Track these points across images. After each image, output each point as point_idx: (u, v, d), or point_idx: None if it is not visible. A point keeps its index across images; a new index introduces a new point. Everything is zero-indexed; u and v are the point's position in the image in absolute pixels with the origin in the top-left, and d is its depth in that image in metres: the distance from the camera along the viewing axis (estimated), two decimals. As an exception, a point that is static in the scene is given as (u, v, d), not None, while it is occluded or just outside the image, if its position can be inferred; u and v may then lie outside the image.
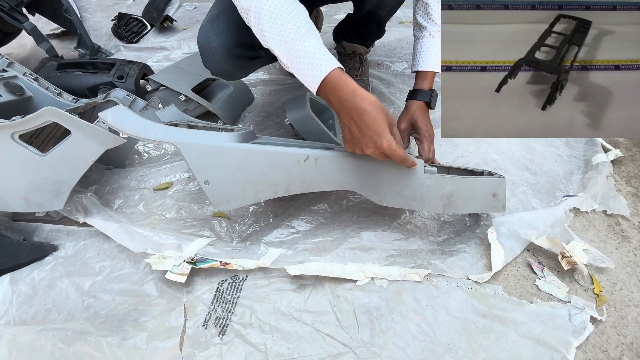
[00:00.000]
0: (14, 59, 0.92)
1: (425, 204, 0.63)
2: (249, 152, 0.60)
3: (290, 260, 0.64)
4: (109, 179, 0.86)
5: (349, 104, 0.51)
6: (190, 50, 1.33)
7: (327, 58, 0.52)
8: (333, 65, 0.51)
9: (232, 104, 0.99)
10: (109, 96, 0.82)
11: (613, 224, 0.73)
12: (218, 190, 0.62)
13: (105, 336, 0.56)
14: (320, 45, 0.53)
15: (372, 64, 1.17)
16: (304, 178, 0.62)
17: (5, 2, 1.09)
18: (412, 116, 0.71)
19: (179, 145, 0.60)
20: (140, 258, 0.67)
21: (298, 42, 0.52)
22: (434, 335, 0.56)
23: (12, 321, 0.60)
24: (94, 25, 1.55)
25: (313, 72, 0.52)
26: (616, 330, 0.57)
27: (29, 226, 0.74)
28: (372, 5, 0.78)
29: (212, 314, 0.59)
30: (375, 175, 0.62)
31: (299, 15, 0.53)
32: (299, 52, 0.52)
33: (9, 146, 0.62)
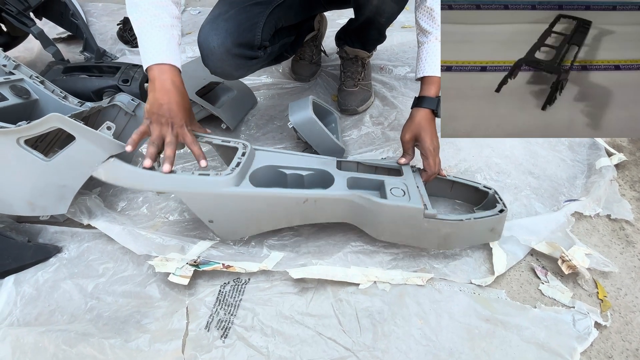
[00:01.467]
0: (21, 62, 0.93)
1: (421, 242, 0.65)
2: (249, 197, 0.61)
3: (292, 264, 0.65)
4: (113, 181, 0.87)
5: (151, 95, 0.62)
6: (194, 54, 1.34)
7: (168, 53, 0.62)
8: (167, 61, 0.62)
9: (236, 107, 0.99)
10: (114, 101, 0.83)
11: (617, 229, 0.72)
12: (222, 227, 0.66)
13: (107, 338, 0.56)
14: (171, 40, 0.63)
15: (375, 68, 1.17)
16: (304, 215, 0.65)
17: (13, 7, 1.10)
18: (417, 127, 0.70)
19: (179, 194, 0.62)
20: (144, 260, 0.67)
21: (155, 28, 0.62)
22: (437, 339, 0.56)
23: (16, 322, 0.60)
24: (100, 29, 1.56)
25: (152, 54, 0.62)
26: (621, 336, 0.57)
27: (33, 228, 0.75)
28: (372, 12, 0.79)
29: (214, 316, 0.59)
30: (375, 215, 0.63)
31: (167, 11, 0.63)
32: (150, 34, 0.62)
33: (15, 151, 0.63)
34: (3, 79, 0.77)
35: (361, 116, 1.01)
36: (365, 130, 0.97)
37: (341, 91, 1.02)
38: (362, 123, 0.99)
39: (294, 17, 0.87)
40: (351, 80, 1.00)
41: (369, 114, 1.02)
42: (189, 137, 0.63)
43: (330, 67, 1.20)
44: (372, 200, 0.60)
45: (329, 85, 1.14)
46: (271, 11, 0.78)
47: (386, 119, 1.00)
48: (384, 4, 0.76)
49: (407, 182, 0.66)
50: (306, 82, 1.15)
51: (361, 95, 1.01)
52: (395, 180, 0.67)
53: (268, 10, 0.78)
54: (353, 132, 0.97)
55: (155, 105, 0.62)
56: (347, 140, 0.95)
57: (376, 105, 1.05)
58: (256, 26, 0.76)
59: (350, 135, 0.97)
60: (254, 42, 0.76)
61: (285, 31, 0.87)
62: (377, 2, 0.76)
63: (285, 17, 0.83)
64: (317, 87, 1.14)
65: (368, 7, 0.78)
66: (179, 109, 0.62)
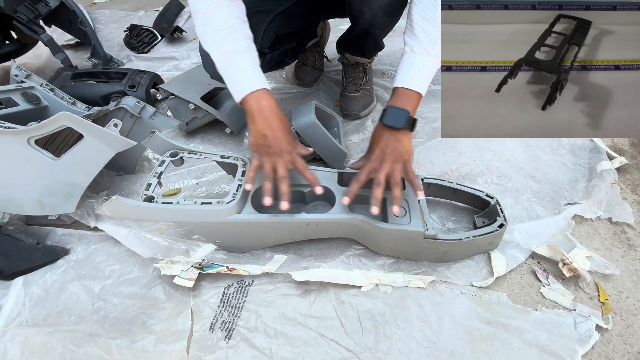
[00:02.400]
0: (30, 68, 0.96)
1: (421, 257, 0.67)
2: (251, 223, 0.63)
3: (295, 266, 0.65)
4: (120, 184, 0.89)
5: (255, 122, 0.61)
6: (199, 60, 1.36)
7: (256, 79, 0.61)
8: (258, 86, 0.61)
9: (240, 112, 1.00)
10: (120, 103, 0.85)
11: (619, 232, 0.72)
12: (228, 246, 0.69)
13: (114, 338, 0.57)
14: (254, 64, 0.62)
15: (377, 73, 1.18)
16: (306, 234, 0.68)
17: (24, 15, 1.13)
18: (371, 138, 0.66)
19: (183, 225, 0.65)
20: (149, 263, 0.68)
21: (235, 55, 0.61)
22: (438, 341, 0.56)
23: (25, 322, 0.61)
24: (107, 36, 1.60)
25: (241, 86, 0.61)
26: (622, 339, 0.57)
27: (42, 230, 0.76)
28: (366, 24, 0.80)
29: (218, 318, 0.60)
30: (375, 236, 0.65)
31: (241, 33, 0.62)
32: (234, 63, 0.61)
33: (25, 151, 0.64)
34: (15, 86, 0.80)
35: (363, 121, 1.02)
36: (367, 134, 0.98)
37: (343, 96, 1.03)
38: (364, 127, 1.00)
39: (295, 25, 0.88)
40: (353, 86, 1.01)
41: (371, 118, 1.03)
42: (300, 163, 0.61)
43: (332, 72, 1.21)
44: (374, 225, 0.62)
45: (332, 90, 1.15)
46: (272, 19, 0.80)
47: (388, 123, 1.01)
48: (377, 17, 0.77)
49: (408, 197, 0.67)
50: (309, 87, 1.17)
51: (363, 100, 1.02)
52: None
53: (269, 18, 0.80)
54: (355, 137, 0.98)
55: (259, 137, 0.60)
56: (349, 145, 0.96)
57: (378, 109, 1.06)
58: (256, 34, 0.78)
59: (353, 139, 0.98)
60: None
61: (286, 38, 0.89)
62: (370, 15, 0.77)
63: (286, 25, 0.85)
64: (319, 92, 1.15)
65: (362, 20, 0.79)
66: (282, 135, 0.60)
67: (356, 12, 0.78)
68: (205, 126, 1.02)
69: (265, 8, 0.80)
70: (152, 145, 0.68)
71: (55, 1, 1.24)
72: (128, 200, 0.57)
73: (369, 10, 0.75)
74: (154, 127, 0.88)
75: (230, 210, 0.61)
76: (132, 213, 0.59)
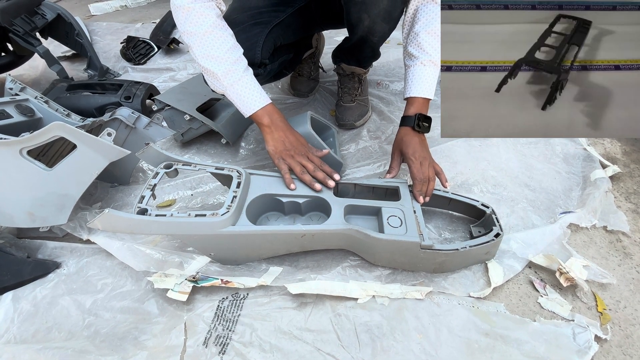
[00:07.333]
0: (26, 80, 0.95)
1: (417, 267, 0.67)
2: (246, 235, 0.62)
3: (291, 278, 0.65)
4: (114, 196, 0.88)
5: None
6: (195, 71, 1.38)
7: (262, 95, 0.71)
8: (267, 101, 0.71)
9: (235, 123, 1.01)
10: (115, 114, 0.84)
11: (614, 241, 0.73)
12: (223, 258, 0.68)
13: (105, 355, 0.56)
14: (256, 81, 0.71)
15: (372, 84, 1.20)
16: (302, 246, 0.67)
17: (20, 27, 1.14)
18: (399, 142, 0.74)
19: (177, 237, 0.64)
20: (142, 275, 0.67)
21: (241, 74, 0.69)
22: (436, 354, 0.56)
23: (13, 339, 0.60)
24: (104, 47, 1.61)
25: (251, 102, 0.70)
26: (622, 350, 0.56)
27: (33, 243, 0.75)
28: (364, 32, 0.82)
29: (212, 332, 0.59)
30: (371, 247, 0.65)
31: (240, 53, 0.70)
32: (242, 82, 0.69)
33: (17, 161, 0.64)
34: (9, 98, 0.80)
35: (359, 130, 1.03)
36: (362, 144, 0.99)
37: (339, 106, 1.04)
38: (359, 137, 1.01)
39: (292, 35, 0.90)
40: (348, 96, 1.02)
41: (366, 128, 1.04)
42: (317, 160, 0.72)
43: (328, 83, 1.22)
44: (370, 236, 0.61)
45: (327, 101, 1.16)
46: (270, 30, 0.81)
47: (383, 133, 1.02)
48: (375, 25, 0.79)
49: (404, 207, 0.67)
50: (305, 98, 1.18)
51: (358, 110, 1.03)
52: (393, 206, 0.67)
53: (267, 29, 0.81)
54: (351, 146, 0.98)
55: (279, 143, 0.70)
56: (345, 154, 0.96)
57: (373, 119, 1.07)
58: (256, 45, 0.79)
59: (348, 149, 0.98)
60: (254, 61, 0.79)
61: (284, 49, 0.90)
62: (368, 22, 0.78)
63: (283, 36, 0.86)
64: (315, 103, 1.16)
65: (360, 28, 0.80)
66: (297, 139, 0.72)
67: (354, 20, 0.79)
68: (201, 137, 1.02)
69: (264, 20, 0.82)
70: (147, 157, 0.68)
71: (52, 14, 1.25)
72: (120, 213, 0.56)
73: (368, 17, 0.77)
74: (149, 137, 0.87)
75: (225, 223, 0.60)
76: (125, 226, 0.58)
